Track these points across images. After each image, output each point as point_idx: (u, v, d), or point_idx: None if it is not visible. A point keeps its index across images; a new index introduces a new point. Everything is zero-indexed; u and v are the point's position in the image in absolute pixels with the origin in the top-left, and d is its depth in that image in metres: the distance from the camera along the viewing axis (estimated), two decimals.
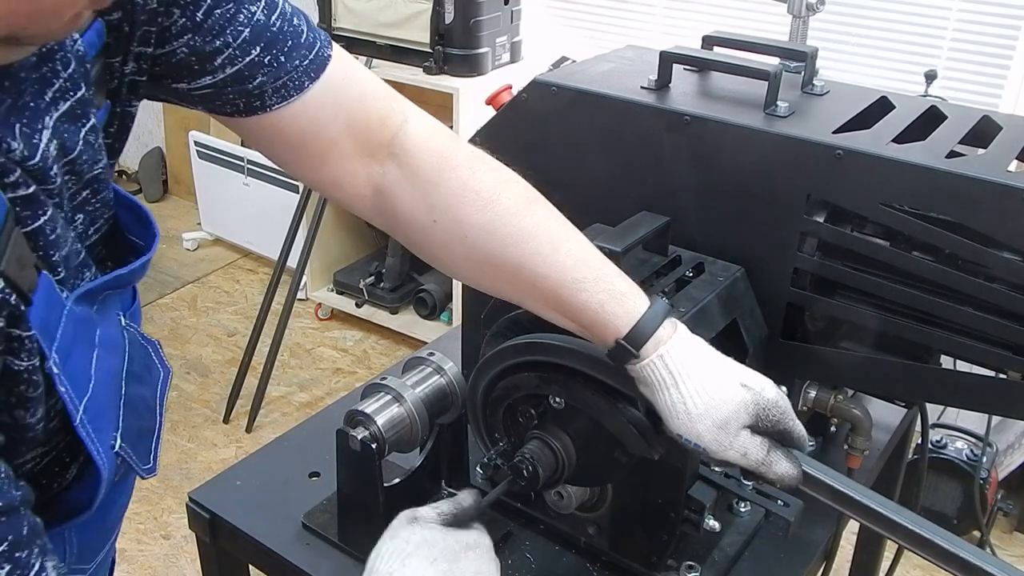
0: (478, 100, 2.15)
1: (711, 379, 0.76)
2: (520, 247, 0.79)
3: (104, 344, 0.64)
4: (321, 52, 0.77)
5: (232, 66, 0.72)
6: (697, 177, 1.06)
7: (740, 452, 0.76)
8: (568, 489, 0.95)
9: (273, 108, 0.75)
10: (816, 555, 1.08)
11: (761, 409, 0.76)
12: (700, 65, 1.18)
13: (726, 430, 0.75)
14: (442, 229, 0.81)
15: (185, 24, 0.68)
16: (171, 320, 3.40)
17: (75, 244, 0.64)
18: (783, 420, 0.77)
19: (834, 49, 2.53)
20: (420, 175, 0.82)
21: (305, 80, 0.76)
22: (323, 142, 0.80)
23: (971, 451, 2.29)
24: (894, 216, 0.94)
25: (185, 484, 2.56)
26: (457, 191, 0.81)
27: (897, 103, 1.11)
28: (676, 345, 0.76)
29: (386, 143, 0.82)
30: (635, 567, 0.98)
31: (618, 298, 0.78)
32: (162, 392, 0.74)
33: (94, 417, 0.62)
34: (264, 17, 0.73)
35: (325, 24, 3.00)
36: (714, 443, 0.75)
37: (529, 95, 1.15)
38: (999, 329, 0.92)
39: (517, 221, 0.80)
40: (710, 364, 0.77)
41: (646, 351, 0.76)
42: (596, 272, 0.79)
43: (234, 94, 0.73)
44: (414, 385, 1.00)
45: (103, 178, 0.66)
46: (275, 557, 1.03)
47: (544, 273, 0.79)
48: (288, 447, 1.20)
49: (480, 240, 0.80)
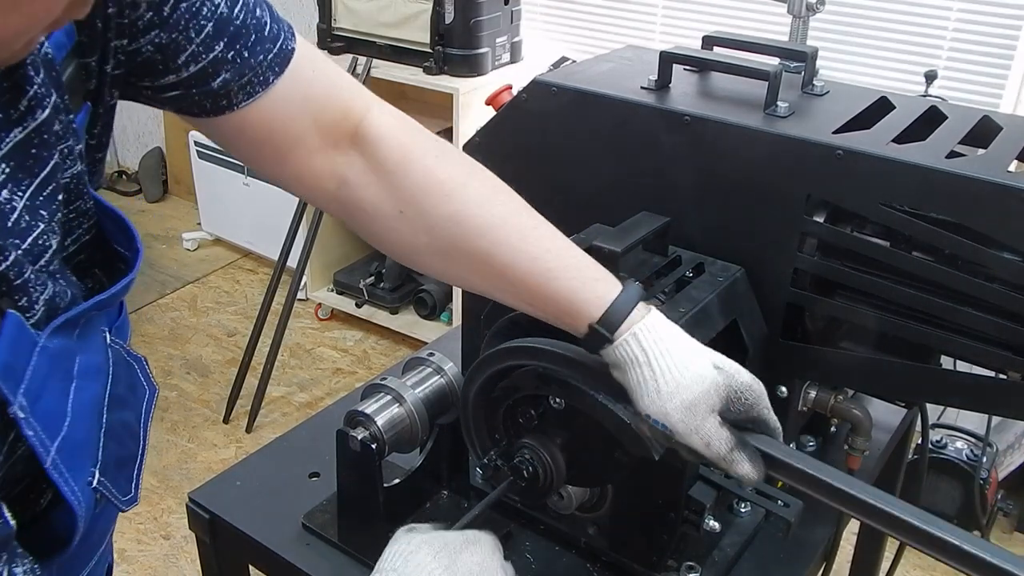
0: (478, 100, 2.15)
1: (684, 358, 0.75)
2: (488, 236, 0.78)
3: (84, 373, 0.62)
4: (285, 45, 0.75)
5: (196, 63, 0.69)
6: (697, 177, 1.06)
7: (704, 440, 0.74)
8: (568, 489, 0.95)
9: (240, 106, 0.73)
10: (816, 555, 1.08)
11: (733, 391, 0.75)
12: (700, 65, 1.18)
13: (694, 412, 0.73)
14: (408, 220, 0.80)
15: (152, 19, 0.66)
16: (171, 320, 3.40)
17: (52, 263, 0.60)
18: (756, 406, 0.76)
19: (834, 49, 2.53)
20: (385, 165, 0.80)
21: (270, 75, 0.74)
22: (288, 136, 0.78)
23: (971, 451, 2.29)
24: (894, 216, 0.94)
25: (185, 484, 2.56)
26: (423, 181, 0.80)
27: (897, 103, 1.11)
28: (649, 324, 0.75)
29: (350, 134, 0.81)
30: (635, 567, 0.98)
31: (590, 284, 0.77)
32: (147, 413, 0.71)
33: (69, 455, 0.59)
34: (227, 10, 0.70)
35: (325, 24, 3.00)
36: (681, 424, 0.74)
37: (529, 95, 1.15)
38: (999, 329, 0.92)
39: (484, 211, 0.79)
40: (684, 345, 0.76)
41: (619, 334, 0.75)
42: (566, 259, 0.79)
43: (200, 95, 0.71)
44: (414, 385, 1.01)
45: (73, 187, 0.62)
46: (275, 557, 1.03)
47: (513, 262, 0.78)
48: (288, 447, 1.20)
49: (447, 231, 0.79)
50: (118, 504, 0.66)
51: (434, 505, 1.06)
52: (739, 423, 0.77)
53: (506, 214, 0.80)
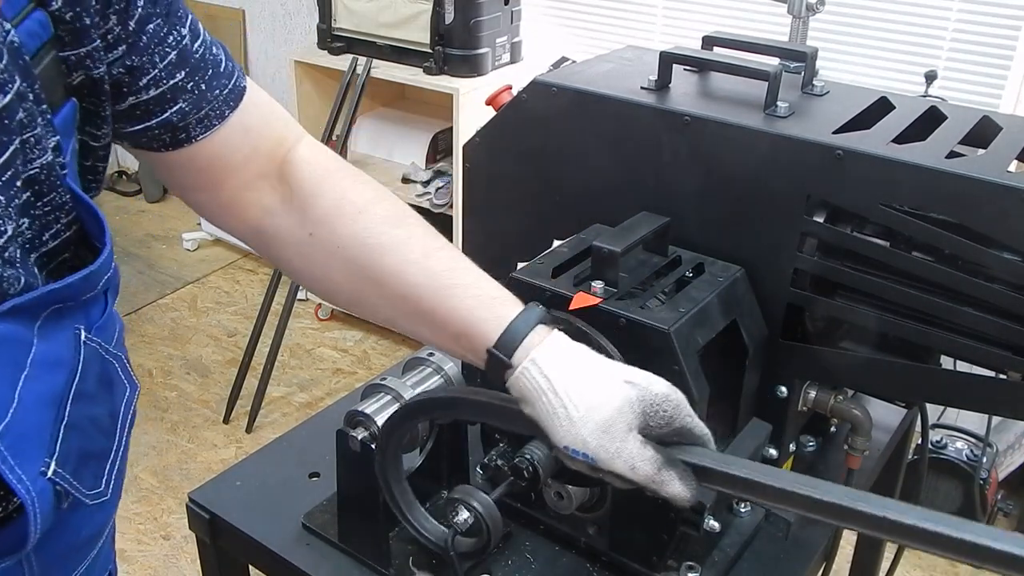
0: (478, 100, 2.15)
1: (591, 379, 0.72)
2: (392, 255, 0.79)
3: (41, 364, 0.61)
4: (238, 83, 0.78)
5: (156, 88, 0.71)
6: (697, 177, 1.06)
7: (628, 464, 0.70)
8: (568, 489, 0.95)
9: (197, 139, 0.75)
10: (816, 555, 1.08)
11: (648, 405, 0.71)
12: (700, 65, 1.18)
13: (612, 433, 0.70)
14: (319, 242, 0.81)
15: (119, 35, 0.67)
16: (171, 320, 3.40)
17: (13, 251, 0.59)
18: (677, 416, 0.72)
19: (834, 49, 2.53)
20: (302, 189, 0.82)
21: (226, 109, 0.76)
22: (228, 166, 0.80)
23: (971, 451, 2.29)
24: (894, 216, 0.94)
25: (185, 484, 2.56)
26: (334, 202, 0.81)
27: (897, 103, 1.11)
28: (550, 347, 0.73)
29: (278, 163, 0.83)
30: (635, 567, 0.98)
31: (487, 303, 0.76)
32: (126, 410, 0.71)
33: (15, 442, 0.59)
34: (189, 43, 0.72)
35: (325, 24, 3.00)
36: (601, 450, 0.70)
37: (529, 95, 1.15)
38: (999, 329, 0.92)
39: (389, 229, 0.80)
40: (588, 364, 0.74)
41: (518, 358, 0.73)
42: (467, 278, 0.78)
43: (159, 126, 0.73)
44: (414, 386, 1.00)
45: (44, 178, 0.61)
46: (275, 557, 1.03)
47: (415, 282, 0.78)
48: (288, 447, 1.20)
49: (354, 251, 0.80)
50: (82, 497, 0.65)
51: (434, 505, 1.06)
52: (663, 438, 0.73)
53: (411, 233, 0.81)
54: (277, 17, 3.63)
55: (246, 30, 3.73)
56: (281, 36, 3.65)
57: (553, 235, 1.09)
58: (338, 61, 2.97)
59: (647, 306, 0.94)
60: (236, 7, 3.71)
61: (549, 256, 1.02)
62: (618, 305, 0.91)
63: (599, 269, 0.95)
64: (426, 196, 2.94)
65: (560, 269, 0.99)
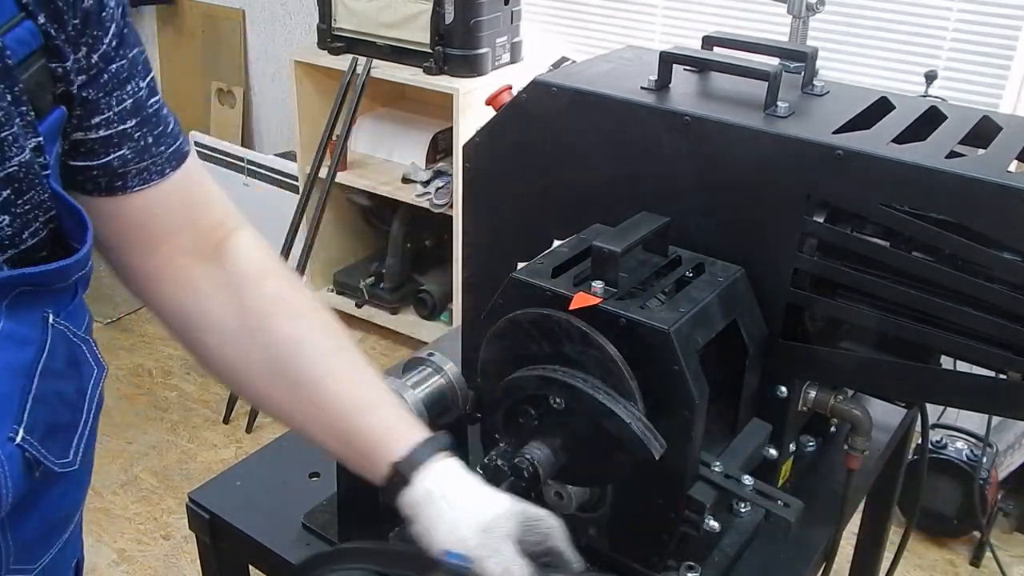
0: (478, 100, 2.15)
1: (479, 491, 0.78)
2: (321, 364, 0.81)
3: (7, 338, 0.63)
4: (183, 146, 0.79)
5: (106, 129, 0.72)
6: (697, 177, 1.06)
7: (503, 566, 0.73)
8: (568, 489, 0.95)
9: (132, 190, 0.76)
10: (816, 555, 1.08)
11: (528, 519, 0.77)
12: (700, 65, 1.18)
13: (491, 533, 0.75)
14: (248, 335, 0.82)
15: (84, 65, 0.68)
16: None
17: None
18: (551, 537, 0.77)
19: (834, 49, 2.53)
20: (240, 278, 0.83)
21: (167, 167, 0.77)
22: (163, 230, 0.80)
23: (971, 451, 2.29)
24: (894, 216, 0.94)
25: (185, 484, 2.56)
26: (274, 298, 0.83)
27: (897, 103, 1.11)
28: (447, 466, 0.79)
29: (215, 245, 0.83)
30: (635, 567, 0.98)
31: (406, 421, 0.81)
32: (93, 388, 0.73)
33: None
34: (145, 96, 0.74)
35: (325, 24, 3.00)
36: (480, 547, 0.74)
37: (529, 95, 1.15)
38: (999, 329, 0.92)
39: (324, 338, 0.83)
40: (479, 482, 0.79)
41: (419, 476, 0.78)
42: (390, 397, 0.83)
43: (98, 169, 0.73)
44: (414, 386, 1.01)
45: (23, 176, 0.63)
46: (275, 557, 1.03)
47: (337, 392, 0.81)
48: (288, 447, 1.21)
49: (284, 350, 0.81)
50: (52, 465, 0.67)
51: None
52: (536, 556, 0.77)
53: (343, 345, 0.83)
54: (277, 17, 3.63)
55: (246, 30, 3.73)
56: (281, 36, 3.65)
57: (553, 235, 1.09)
58: (338, 61, 2.97)
59: (647, 306, 0.94)
60: (236, 7, 3.71)
61: (549, 256, 1.02)
62: (618, 305, 0.91)
63: (599, 269, 0.95)
64: (426, 196, 2.94)
65: (560, 269, 0.99)
